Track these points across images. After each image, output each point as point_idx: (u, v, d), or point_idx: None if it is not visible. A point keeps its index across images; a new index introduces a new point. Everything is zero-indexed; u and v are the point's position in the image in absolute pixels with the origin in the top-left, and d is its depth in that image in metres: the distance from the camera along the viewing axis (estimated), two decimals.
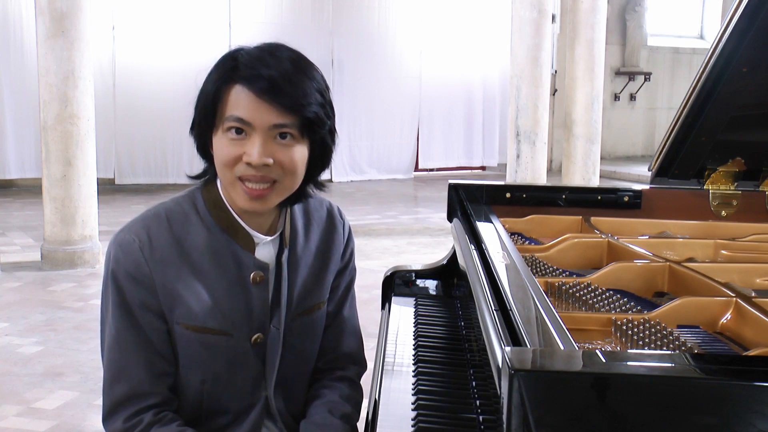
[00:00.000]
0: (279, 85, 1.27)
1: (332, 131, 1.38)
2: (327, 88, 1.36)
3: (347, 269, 1.59)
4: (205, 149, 1.38)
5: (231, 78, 1.29)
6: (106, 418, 1.38)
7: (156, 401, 1.37)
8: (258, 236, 1.41)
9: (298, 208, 1.50)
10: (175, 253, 1.36)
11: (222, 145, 1.30)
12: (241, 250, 1.40)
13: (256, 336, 1.42)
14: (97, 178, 5.68)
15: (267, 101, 1.27)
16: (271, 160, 1.29)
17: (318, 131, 1.33)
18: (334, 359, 1.57)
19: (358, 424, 1.53)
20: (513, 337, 1.11)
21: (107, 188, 8.47)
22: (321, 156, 1.38)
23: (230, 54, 1.33)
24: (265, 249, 1.43)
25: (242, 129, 1.28)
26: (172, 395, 1.39)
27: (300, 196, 1.43)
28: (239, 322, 1.40)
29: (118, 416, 1.35)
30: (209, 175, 1.41)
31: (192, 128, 1.37)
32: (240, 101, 1.28)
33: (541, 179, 6.71)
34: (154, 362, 1.37)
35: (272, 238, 1.44)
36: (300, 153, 1.32)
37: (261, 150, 1.28)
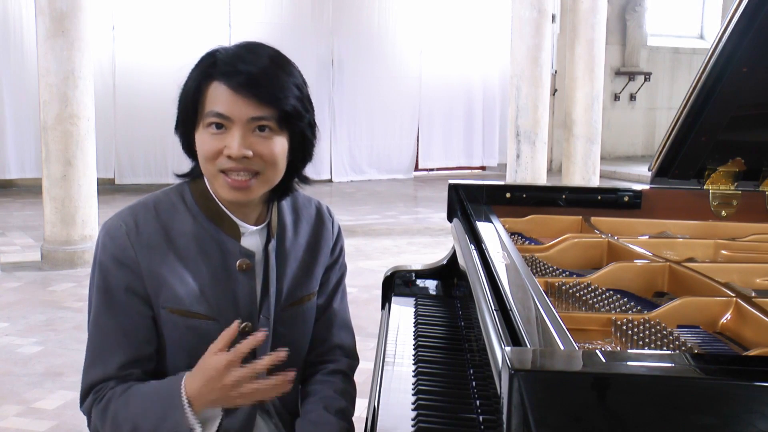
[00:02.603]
0: (256, 79, 1.31)
1: (312, 125, 1.41)
2: (305, 83, 1.39)
3: (337, 265, 1.61)
4: (190, 147, 1.41)
5: (209, 75, 1.34)
6: (82, 401, 1.40)
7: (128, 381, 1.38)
8: (244, 226, 1.44)
9: (286, 205, 1.53)
10: (162, 239, 1.39)
11: (203, 140, 1.35)
12: (227, 238, 1.42)
13: (244, 325, 1.44)
14: (97, 178, 5.68)
15: (244, 95, 1.31)
16: (250, 153, 1.32)
17: (296, 124, 1.36)
18: (326, 351, 1.59)
19: (356, 422, 1.53)
20: (513, 337, 1.11)
21: (107, 188, 8.46)
22: (302, 149, 1.41)
23: (209, 53, 1.38)
24: (252, 238, 1.46)
25: (222, 124, 1.33)
26: (147, 378, 1.40)
27: (286, 190, 1.46)
28: (226, 309, 1.41)
29: (91, 396, 1.38)
30: (196, 173, 1.45)
31: (176, 127, 1.42)
32: (218, 96, 1.32)
33: (541, 179, 6.71)
34: (132, 348, 1.38)
35: (259, 228, 1.46)
36: (279, 145, 1.36)
37: (240, 142, 1.31)
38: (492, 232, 1.80)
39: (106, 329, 1.38)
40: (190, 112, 1.36)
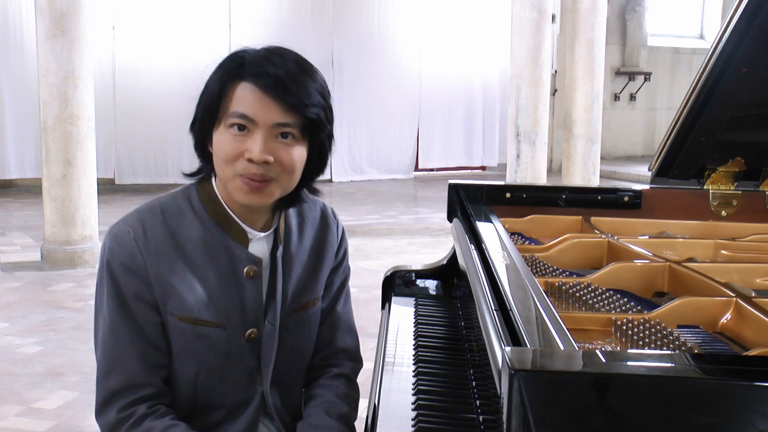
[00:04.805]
0: (285, 83, 1.30)
1: (330, 136, 1.40)
2: (328, 93, 1.38)
3: (341, 267, 1.61)
4: (203, 147, 1.40)
5: (238, 75, 1.32)
6: (100, 411, 1.38)
7: (150, 392, 1.37)
8: (252, 232, 1.43)
9: (292, 209, 1.51)
10: (170, 245, 1.38)
11: (224, 140, 1.32)
12: (235, 244, 1.41)
13: (250, 331, 1.43)
14: (97, 178, 5.68)
15: (272, 98, 1.30)
16: (272, 158, 1.31)
17: (318, 134, 1.36)
18: (330, 355, 1.58)
19: (356, 422, 1.53)
20: (513, 337, 1.11)
21: (107, 188, 8.47)
22: (318, 160, 1.40)
23: (236, 53, 1.36)
24: (259, 245, 1.45)
25: (245, 126, 1.31)
26: (166, 387, 1.40)
27: (295, 199, 1.45)
28: (233, 315, 1.41)
29: (112, 407, 1.36)
30: (204, 173, 1.43)
31: (192, 125, 1.39)
32: (245, 98, 1.31)
33: (541, 179, 6.71)
34: (149, 354, 1.37)
35: (266, 234, 1.45)
36: (299, 153, 1.35)
37: (262, 146, 1.30)
38: (492, 232, 1.80)
39: (122, 335, 1.36)
40: (212, 111, 1.34)
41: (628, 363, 0.95)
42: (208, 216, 1.41)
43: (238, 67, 1.32)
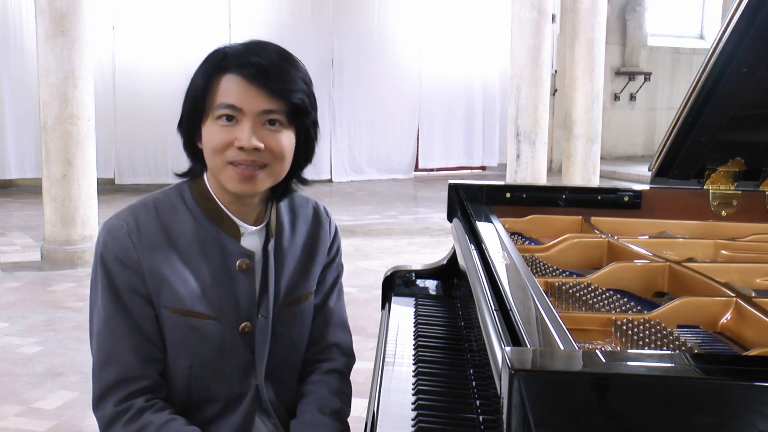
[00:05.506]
0: (268, 71, 1.33)
1: (315, 124, 1.43)
2: (311, 81, 1.41)
3: (334, 264, 1.62)
4: (192, 145, 1.42)
5: (221, 67, 1.35)
6: (97, 404, 1.39)
7: (147, 385, 1.38)
8: (244, 226, 1.45)
9: (284, 205, 1.54)
10: (163, 239, 1.39)
11: (212, 132, 1.35)
12: (227, 238, 1.43)
13: (243, 325, 1.44)
14: (97, 178, 5.68)
15: (256, 86, 1.32)
16: (261, 144, 1.33)
17: (303, 120, 1.38)
18: (322, 349, 1.59)
19: (357, 423, 1.53)
20: (513, 337, 1.11)
21: (107, 188, 8.46)
22: (305, 147, 1.43)
23: (217, 49, 1.39)
24: (251, 239, 1.46)
25: (232, 116, 1.33)
26: (162, 380, 1.41)
27: (285, 191, 1.47)
28: (226, 309, 1.42)
29: (109, 400, 1.37)
30: (195, 172, 1.46)
31: (180, 123, 1.42)
32: (230, 89, 1.33)
33: (541, 179, 6.71)
34: (143, 346, 1.38)
35: (258, 228, 1.47)
36: (288, 139, 1.37)
37: (251, 133, 1.32)
38: (492, 232, 1.80)
39: (117, 328, 1.37)
40: (198, 106, 1.36)
41: (628, 363, 0.95)
42: (201, 211, 1.43)
43: (221, 61, 1.35)
